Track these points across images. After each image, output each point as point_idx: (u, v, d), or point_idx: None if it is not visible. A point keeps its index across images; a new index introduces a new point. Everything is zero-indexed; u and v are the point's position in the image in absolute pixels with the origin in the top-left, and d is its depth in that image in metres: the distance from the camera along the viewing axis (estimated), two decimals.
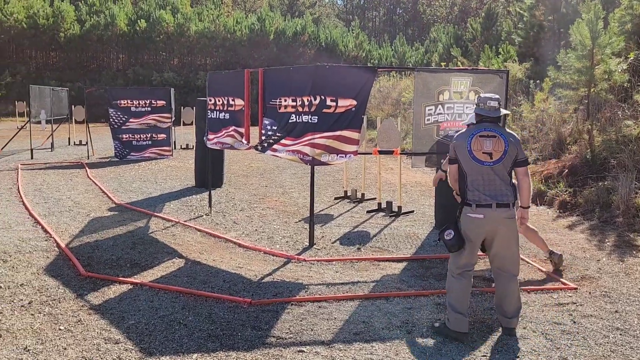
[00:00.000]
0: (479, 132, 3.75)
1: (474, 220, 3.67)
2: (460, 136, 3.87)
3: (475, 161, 3.69)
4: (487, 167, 3.68)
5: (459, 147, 3.77)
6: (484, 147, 3.68)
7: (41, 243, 5.79)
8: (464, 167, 3.75)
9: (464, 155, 3.73)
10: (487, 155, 3.68)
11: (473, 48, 24.64)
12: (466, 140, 3.75)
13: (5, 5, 34.62)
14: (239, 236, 6.30)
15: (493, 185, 3.67)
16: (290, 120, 5.99)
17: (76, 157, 14.12)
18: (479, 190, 3.67)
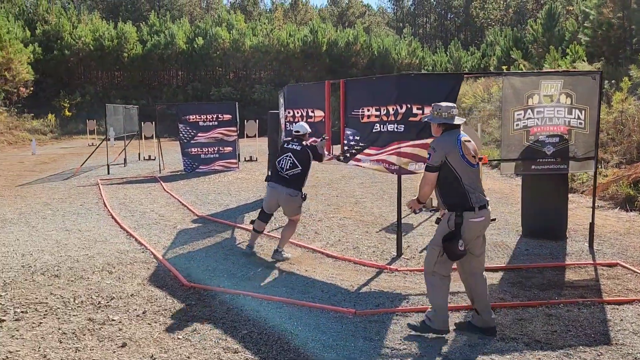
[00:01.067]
0: (461, 136, 3.86)
1: (478, 224, 3.74)
2: (445, 143, 3.86)
3: (469, 165, 3.79)
4: (476, 168, 3.86)
5: (450, 154, 3.77)
6: (470, 150, 3.83)
7: (139, 255, 6.04)
8: (459, 172, 3.76)
9: (458, 161, 3.76)
10: (473, 157, 3.84)
11: (534, 50, 23.95)
12: (456, 145, 3.80)
13: (74, 29, 36.70)
14: (324, 246, 6.35)
15: (480, 185, 3.87)
16: (374, 129, 6.00)
17: (148, 172, 14.70)
18: (479, 191, 3.78)
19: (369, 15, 61.31)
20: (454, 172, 3.76)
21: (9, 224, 7.89)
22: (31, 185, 12.24)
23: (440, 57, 34.10)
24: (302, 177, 5.79)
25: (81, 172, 14.57)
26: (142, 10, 56.54)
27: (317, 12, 59.99)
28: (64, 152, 21.87)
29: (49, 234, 7.15)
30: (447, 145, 3.82)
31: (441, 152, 3.80)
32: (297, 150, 5.85)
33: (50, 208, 9.16)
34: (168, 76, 39.20)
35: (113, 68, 37.66)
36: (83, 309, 4.38)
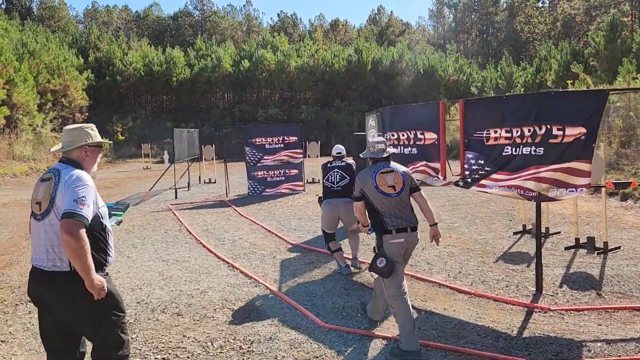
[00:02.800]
0: (379, 169, 4.32)
1: (397, 244, 4.15)
2: (363, 175, 4.36)
3: (383, 195, 4.21)
4: (393, 198, 4.21)
5: (365, 185, 4.27)
6: (387, 181, 4.25)
7: (253, 289, 5.70)
8: (374, 201, 4.23)
9: (372, 192, 4.23)
10: (391, 188, 4.24)
11: (597, 63, 23.05)
12: (370, 176, 4.28)
13: (125, 56, 37.71)
14: (447, 279, 5.87)
15: (404, 211, 4.22)
16: (504, 152, 5.54)
17: (214, 196, 14.56)
18: (396, 217, 4.17)
19: (408, 33, 61.09)
20: (369, 201, 4.26)
21: None
22: None
23: (490, 73, 33.37)
24: (350, 185, 6.25)
25: (148, 196, 14.54)
26: (186, 35, 58.02)
27: (356, 31, 60.16)
28: (122, 176, 22.14)
29: (148, 265, 6.92)
30: (363, 178, 4.33)
31: (359, 184, 4.35)
32: (342, 166, 6.59)
33: (136, 236, 9.00)
34: (215, 99, 39.80)
35: (162, 92, 38.53)
36: (226, 355, 4.04)
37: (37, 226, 2.83)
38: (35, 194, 2.87)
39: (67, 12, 57.15)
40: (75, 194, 2.70)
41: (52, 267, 2.77)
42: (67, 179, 2.77)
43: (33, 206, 2.87)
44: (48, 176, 2.89)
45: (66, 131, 3.04)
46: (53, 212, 2.75)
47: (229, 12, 63.97)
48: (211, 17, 60.77)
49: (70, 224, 2.60)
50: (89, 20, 59.05)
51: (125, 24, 59.84)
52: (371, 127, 8.74)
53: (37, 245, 2.83)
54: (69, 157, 2.96)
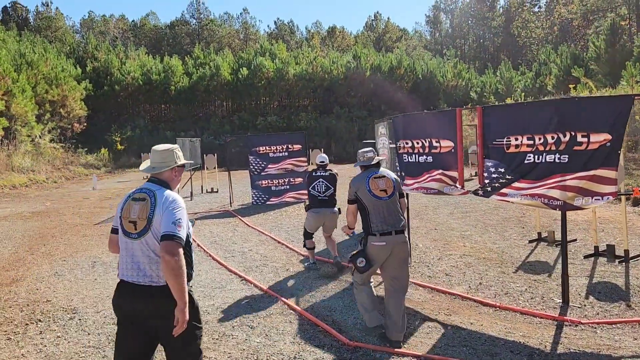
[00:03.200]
0: (371, 175, 4.68)
1: (379, 247, 4.43)
2: (357, 180, 4.72)
3: (376, 198, 4.53)
4: (384, 201, 4.54)
5: (359, 189, 4.62)
6: (379, 186, 4.60)
7: (269, 304, 5.54)
8: (366, 203, 4.56)
9: (366, 195, 4.57)
10: (383, 192, 4.58)
11: (598, 67, 23.03)
12: (364, 182, 4.63)
13: (123, 65, 37.58)
14: (468, 291, 5.72)
15: (392, 215, 4.52)
16: (526, 160, 5.40)
17: (218, 206, 14.39)
18: (381, 221, 4.48)
19: (405, 39, 61.19)
20: (362, 203, 4.59)
21: (110, 268, 7.55)
22: (109, 223, 12.03)
23: (489, 78, 33.36)
24: (334, 195, 7.06)
25: None
26: (183, 44, 57.97)
27: (353, 38, 60.24)
28: (123, 187, 21.93)
29: None
30: (357, 182, 4.69)
31: (353, 188, 4.70)
32: (326, 176, 7.12)
33: None
34: (214, 107, 39.63)
35: (160, 101, 38.32)
36: None
37: (130, 244, 2.94)
38: (128, 213, 2.97)
39: (63, 22, 57.06)
40: (173, 216, 2.85)
41: (149, 282, 2.88)
42: (163, 201, 2.92)
43: (125, 224, 2.95)
44: (141, 196, 3.00)
45: (156, 152, 3.15)
46: (150, 232, 2.88)
47: (225, 20, 64.02)
48: (208, 25, 60.77)
49: (171, 245, 2.76)
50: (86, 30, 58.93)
51: (122, 33, 59.74)
52: (381, 135, 8.61)
53: (129, 261, 2.94)
54: (159, 178, 3.10)
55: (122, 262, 2.99)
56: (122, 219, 2.99)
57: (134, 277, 2.91)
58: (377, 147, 8.86)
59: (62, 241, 9.89)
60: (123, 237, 2.98)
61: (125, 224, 2.96)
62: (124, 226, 2.97)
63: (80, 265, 7.80)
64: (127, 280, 2.94)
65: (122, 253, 2.99)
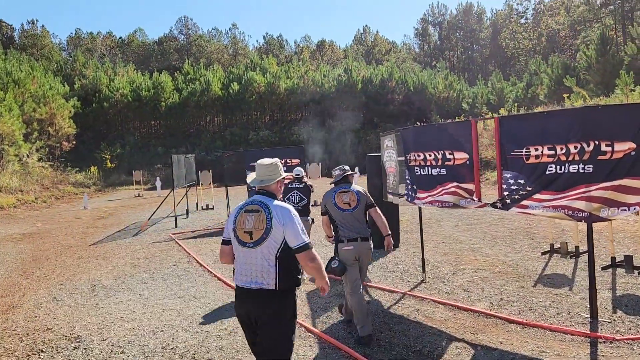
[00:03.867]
0: (338, 190, 5.29)
1: (347, 250, 5.00)
2: (326, 195, 5.36)
3: (340, 210, 5.14)
4: (348, 213, 5.11)
5: (327, 203, 5.27)
6: (343, 199, 5.18)
7: None
8: (333, 215, 5.18)
9: (332, 207, 5.19)
10: (347, 204, 5.15)
11: (589, 77, 23.19)
12: (331, 197, 5.26)
13: (111, 82, 37.26)
14: (490, 308, 5.51)
15: (356, 225, 5.08)
16: (548, 171, 5.23)
17: (216, 223, 14.10)
18: (348, 229, 5.05)
19: (394, 52, 61.57)
20: (330, 215, 5.23)
21: (111, 291, 7.24)
22: (104, 243, 11.69)
23: (480, 89, 33.52)
24: (308, 205, 7.63)
25: (147, 226, 14.02)
26: (171, 60, 57.80)
27: (343, 51, 60.48)
28: (114, 205, 21.54)
29: (164, 303, 6.46)
30: (326, 197, 5.34)
31: (323, 202, 5.35)
32: (300, 188, 7.71)
33: (143, 270, 8.52)
34: (205, 122, 39.39)
35: (150, 117, 38.02)
36: None
37: (247, 252, 3.16)
38: (243, 224, 3.20)
39: (49, 40, 56.62)
40: (295, 226, 3.12)
41: (260, 286, 3.11)
42: (278, 212, 3.15)
43: (240, 235, 3.19)
44: (255, 208, 3.22)
45: (263, 166, 3.39)
46: (268, 241, 3.11)
47: (214, 36, 63.99)
48: (197, 41, 60.70)
49: (309, 254, 3.11)
50: (73, 47, 58.54)
51: (109, 50, 59.44)
52: (387, 148, 8.42)
53: (245, 268, 3.17)
54: (267, 190, 3.33)
55: (238, 268, 3.22)
56: (237, 230, 3.22)
57: (248, 282, 3.14)
58: (383, 160, 8.67)
59: (57, 264, 9.54)
60: (239, 247, 3.21)
61: (240, 234, 3.20)
62: (239, 236, 3.20)
63: (79, 290, 7.47)
64: (241, 286, 3.18)
65: (239, 261, 3.22)
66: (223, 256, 3.35)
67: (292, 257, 3.13)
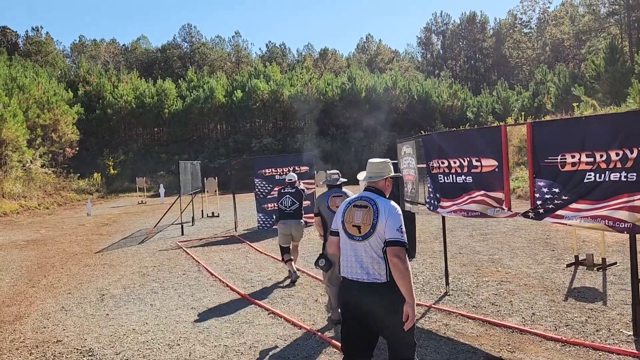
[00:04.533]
0: (331, 194, 5.71)
1: None
2: (320, 197, 5.79)
3: (332, 213, 5.34)
4: None
5: (320, 205, 5.69)
6: (336, 203, 5.50)
7: (307, 342, 5.01)
8: (325, 217, 5.55)
9: (325, 210, 5.59)
10: (337, 207, 5.09)
11: (598, 86, 23.01)
12: (324, 200, 5.66)
13: (115, 89, 37.14)
14: (524, 323, 5.24)
15: None
16: (586, 179, 4.99)
17: (222, 231, 13.84)
18: None
19: (397, 61, 61.55)
20: (323, 216, 5.63)
21: (121, 301, 6.97)
22: (110, 251, 11.43)
23: (485, 98, 33.36)
24: (300, 209, 7.90)
25: (153, 233, 13.76)
26: (175, 67, 57.77)
27: (345, 60, 60.45)
28: (118, 212, 21.28)
29: (177, 315, 6.19)
30: (319, 199, 5.76)
31: (317, 204, 5.79)
32: (293, 192, 7.97)
33: (152, 279, 8.25)
34: (208, 130, 39.22)
35: (154, 124, 37.85)
36: None
37: (355, 245, 3.28)
38: (351, 218, 3.33)
39: (54, 46, 56.58)
40: (396, 223, 3.17)
41: (372, 279, 3.19)
42: (385, 208, 3.23)
43: (349, 228, 3.32)
44: (363, 203, 3.33)
45: (373, 164, 3.54)
46: (374, 236, 3.21)
47: (217, 44, 63.99)
48: (200, 48, 60.70)
49: (398, 250, 3.10)
50: (76, 54, 58.55)
51: (113, 57, 59.42)
52: (405, 155, 8.19)
53: (352, 261, 3.29)
54: (375, 187, 3.44)
55: (345, 261, 3.33)
56: (345, 223, 3.36)
57: (358, 275, 3.24)
58: (401, 168, 8.43)
59: (63, 272, 9.27)
60: (347, 239, 3.34)
61: (349, 228, 3.33)
62: (347, 230, 3.34)
63: (87, 299, 7.20)
64: (350, 278, 3.28)
65: (346, 253, 3.34)
66: (331, 246, 3.52)
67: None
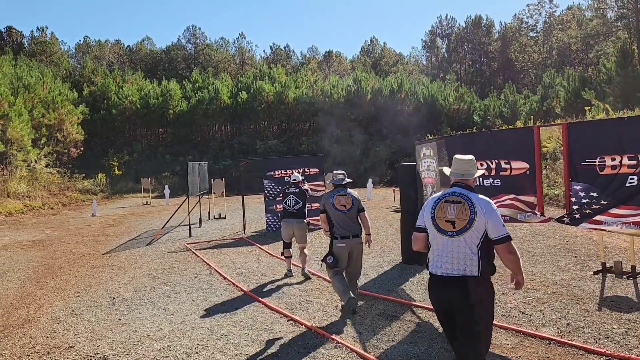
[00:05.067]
0: (337, 192, 6.06)
1: (340, 247, 5.87)
2: (326, 195, 6.15)
3: (337, 211, 5.93)
4: (343, 214, 5.93)
5: (326, 203, 6.05)
6: (340, 202, 5.97)
7: (334, 352, 4.76)
8: (330, 214, 5.99)
9: (330, 208, 5.99)
10: (343, 206, 5.95)
11: (609, 90, 22.74)
12: (330, 198, 6.04)
13: (120, 89, 36.96)
14: (561, 334, 4.98)
15: (349, 224, 5.95)
16: (628, 183, 4.75)
17: (230, 233, 13.60)
18: (342, 228, 5.92)
19: (401, 64, 61.33)
20: (328, 214, 6.03)
21: (133, 305, 6.73)
22: (117, 252, 11.19)
23: (492, 101, 33.10)
24: (303, 209, 8.08)
25: (161, 234, 13.52)
26: (179, 68, 57.59)
27: (349, 62, 60.25)
28: (123, 213, 21.05)
29: (193, 320, 5.94)
30: (325, 198, 6.13)
31: (323, 202, 6.13)
32: (296, 192, 8.20)
33: (163, 282, 8.01)
34: (212, 131, 39.01)
35: (158, 125, 37.65)
36: None
37: (448, 240, 3.32)
38: (444, 214, 3.36)
39: (58, 47, 56.45)
40: (498, 220, 3.27)
41: (462, 272, 3.23)
42: (481, 205, 3.30)
43: (441, 224, 3.35)
44: (456, 199, 3.37)
45: (462, 161, 3.55)
46: (470, 231, 3.25)
47: (221, 45, 63.82)
48: (204, 50, 60.54)
49: (510, 245, 3.23)
50: (81, 54, 58.42)
51: (117, 58, 59.30)
52: (425, 157, 7.95)
53: (444, 256, 3.32)
54: (466, 184, 3.49)
55: (436, 257, 3.37)
56: (437, 219, 3.38)
57: (449, 270, 3.28)
58: (420, 171, 8.20)
59: (71, 273, 9.04)
60: (438, 235, 3.37)
61: (441, 223, 3.35)
62: (439, 225, 3.36)
63: (98, 302, 6.97)
64: (440, 274, 3.31)
65: (437, 249, 3.37)
66: (416, 242, 3.54)
67: (490, 246, 3.26)
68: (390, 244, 10.53)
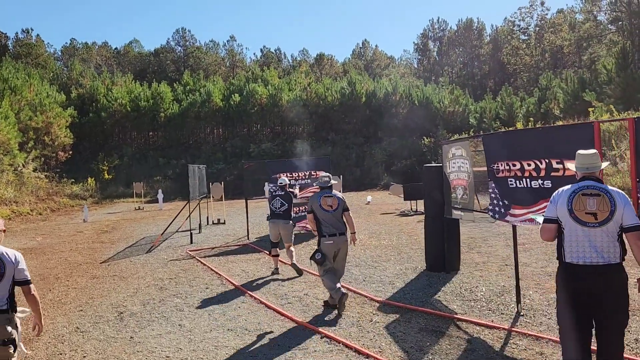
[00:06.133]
0: (323, 194, 6.41)
1: (328, 245, 6.24)
2: (313, 197, 6.51)
3: (324, 211, 6.30)
4: (330, 214, 6.30)
5: (313, 204, 6.38)
6: (327, 202, 6.32)
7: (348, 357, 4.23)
8: (317, 214, 6.32)
9: (317, 208, 6.32)
10: (329, 207, 6.31)
11: (610, 91, 22.55)
12: (317, 199, 6.37)
13: (109, 92, 36.13)
14: (629, 351, 4.50)
15: (336, 223, 6.32)
16: None
17: (233, 239, 13.00)
18: (329, 226, 6.28)
19: (393, 67, 61.15)
20: (315, 214, 6.34)
21: (143, 320, 6.12)
22: (116, 261, 10.55)
23: (489, 103, 32.87)
24: (289, 211, 8.49)
25: (161, 240, 12.87)
26: (168, 71, 56.80)
27: (341, 65, 59.92)
28: (116, 218, 20.31)
29: (214, 338, 5.37)
30: (312, 199, 6.45)
31: (310, 203, 6.45)
32: (282, 195, 8.54)
33: (173, 294, 7.40)
34: (204, 134, 38.29)
35: (149, 128, 36.85)
36: None
37: (589, 231, 3.38)
38: (583, 206, 3.42)
39: (44, 49, 55.34)
40: (632, 209, 3.38)
41: (607, 261, 3.34)
42: (618, 196, 3.40)
43: (581, 215, 3.41)
44: (594, 192, 3.45)
45: (588, 155, 3.63)
46: (612, 222, 3.35)
47: (211, 48, 63.14)
48: (194, 52, 59.81)
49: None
50: (68, 57, 57.33)
51: (105, 60, 58.31)
52: (454, 157, 7.46)
53: (585, 246, 3.39)
54: (595, 176, 3.57)
55: (575, 247, 3.42)
56: (575, 211, 3.44)
57: (593, 258, 3.35)
58: (447, 172, 7.70)
59: (70, 285, 8.39)
60: (577, 226, 3.42)
61: (581, 215, 3.42)
62: (578, 217, 3.42)
63: (104, 318, 6.35)
64: (582, 263, 3.37)
65: (576, 240, 3.42)
66: (547, 233, 3.58)
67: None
68: (407, 249, 10.02)
